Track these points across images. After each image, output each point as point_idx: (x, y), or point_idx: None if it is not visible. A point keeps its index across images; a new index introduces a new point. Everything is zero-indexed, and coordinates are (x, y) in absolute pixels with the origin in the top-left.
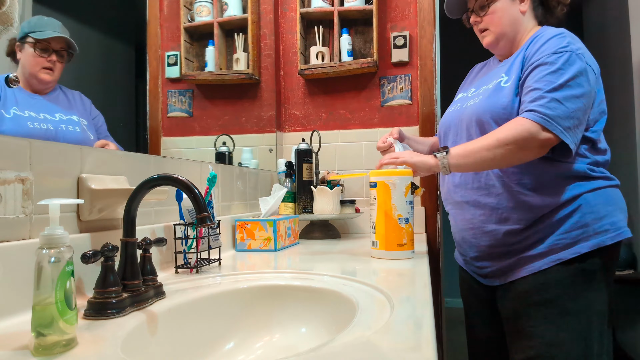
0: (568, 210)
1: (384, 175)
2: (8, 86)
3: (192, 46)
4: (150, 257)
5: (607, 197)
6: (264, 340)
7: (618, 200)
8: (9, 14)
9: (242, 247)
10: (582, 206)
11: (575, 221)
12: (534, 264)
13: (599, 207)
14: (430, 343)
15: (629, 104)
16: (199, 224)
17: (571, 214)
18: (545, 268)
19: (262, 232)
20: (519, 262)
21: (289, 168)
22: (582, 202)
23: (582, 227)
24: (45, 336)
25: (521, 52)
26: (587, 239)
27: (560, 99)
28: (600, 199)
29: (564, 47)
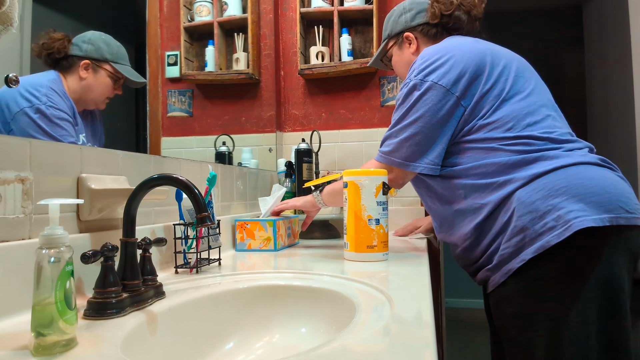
0: (504, 216)
1: (354, 175)
2: (8, 86)
3: (192, 46)
4: (150, 257)
5: (548, 188)
6: (264, 340)
7: (570, 185)
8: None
9: (242, 247)
10: (515, 208)
11: (513, 227)
12: (495, 277)
13: (537, 203)
14: (430, 343)
15: (629, 104)
16: (198, 224)
17: (509, 221)
18: (503, 281)
19: (262, 232)
20: (487, 274)
21: (289, 168)
22: (515, 204)
23: (521, 232)
24: (45, 336)
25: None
26: (530, 243)
27: (393, 134)
28: (538, 194)
29: (406, 82)
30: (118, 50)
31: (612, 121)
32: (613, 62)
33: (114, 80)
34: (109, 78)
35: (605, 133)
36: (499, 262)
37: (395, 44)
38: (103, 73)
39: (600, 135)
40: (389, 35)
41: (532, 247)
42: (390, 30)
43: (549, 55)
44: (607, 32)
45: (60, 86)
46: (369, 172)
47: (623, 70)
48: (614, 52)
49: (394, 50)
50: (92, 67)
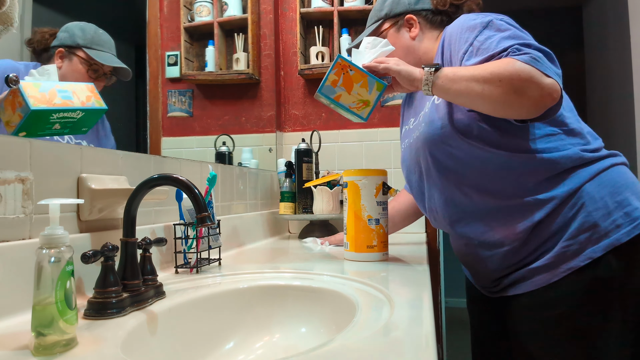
0: (569, 211)
1: (354, 175)
2: (8, 86)
3: (192, 46)
4: (150, 257)
5: (613, 183)
6: (264, 340)
7: (628, 182)
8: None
9: (328, 92)
10: (585, 203)
11: (581, 222)
12: (541, 276)
13: (606, 199)
14: (430, 343)
15: (629, 104)
16: (199, 224)
17: (575, 216)
18: (556, 280)
19: (363, 89)
20: (526, 275)
21: (288, 168)
22: (585, 198)
23: (590, 228)
24: (45, 336)
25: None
26: (598, 240)
27: (538, 46)
28: (605, 189)
29: (483, 19)
30: (93, 36)
31: (612, 121)
32: (613, 62)
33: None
34: (81, 65)
35: (606, 133)
36: (555, 260)
37: (392, 25)
38: (76, 60)
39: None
40: (387, 15)
41: (601, 245)
42: (389, 10)
43: None
44: (607, 32)
45: None
46: (368, 172)
47: (623, 70)
48: (614, 52)
49: (390, 32)
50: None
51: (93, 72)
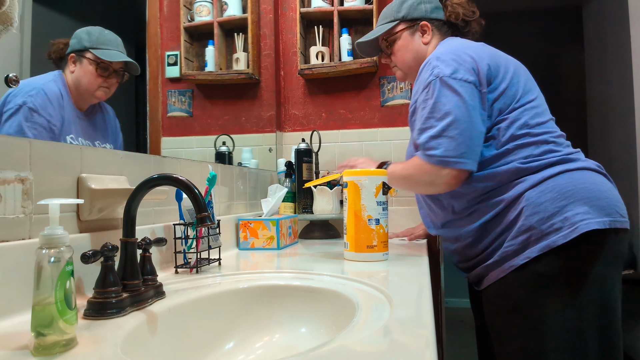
0: (512, 215)
1: (354, 175)
2: (8, 86)
3: (192, 46)
4: (150, 257)
5: (557, 190)
6: (264, 340)
7: (576, 189)
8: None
9: (245, 245)
10: (524, 208)
11: (519, 225)
12: (494, 272)
13: (545, 204)
14: (430, 343)
15: (629, 104)
16: (198, 224)
17: (516, 219)
18: (503, 275)
19: (265, 231)
20: (485, 270)
21: (288, 168)
22: (525, 204)
23: (527, 231)
24: (45, 336)
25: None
26: (535, 242)
27: (439, 133)
28: (547, 195)
29: (427, 78)
30: (98, 37)
31: (612, 121)
32: (613, 62)
33: (96, 67)
34: (91, 66)
35: (605, 133)
36: (501, 259)
37: (407, 28)
38: (85, 62)
39: (600, 135)
40: (404, 17)
41: (538, 246)
42: (407, 13)
43: (548, 55)
44: (607, 32)
45: (58, 86)
46: (368, 172)
47: (623, 70)
48: (613, 52)
49: (405, 34)
50: (76, 58)
51: (102, 70)
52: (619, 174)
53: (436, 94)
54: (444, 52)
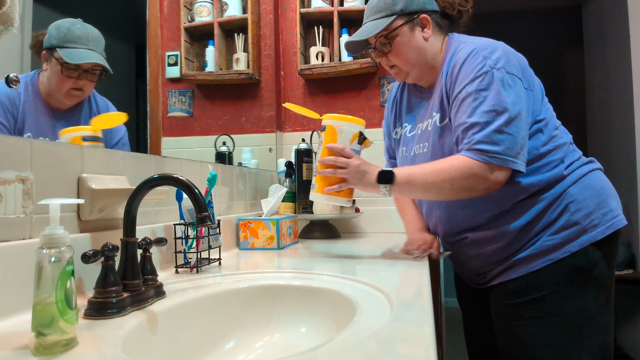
0: (555, 212)
1: (334, 120)
2: (8, 86)
3: (192, 46)
4: (151, 256)
5: (593, 187)
6: (264, 340)
7: (605, 186)
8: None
9: (245, 245)
10: (569, 205)
11: (565, 221)
12: (525, 266)
13: (587, 201)
14: (430, 343)
15: (629, 104)
16: (199, 224)
17: (559, 216)
18: (537, 269)
19: (265, 230)
20: (511, 265)
21: (289, 168)
22: (570, 200)
23: (571, 226)
24: (46, 336)
25: (440, 82)
26: (577, 236)
27: (500, 128)
28: (587, 192)
29: (481, 68)
30: (66, 33)
31: (612, 121)
32: (613, 61)
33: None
34: (58, 66)
35: (605, 133)
36: (537, 253)
37: (406, 23)
38: (54, 61)
39: (600, 136)
40: (402, 10)
41: (579, 240)
42: (405, 6)
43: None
44: (606, 32)
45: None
46: (348, 119)
47: (623, 70)
48: (613, 52)
49: (404, 29)
50: (47, 56)
51: (70, 71)
52: (619, 174)
53: (495, 86)
54: (485, 44)
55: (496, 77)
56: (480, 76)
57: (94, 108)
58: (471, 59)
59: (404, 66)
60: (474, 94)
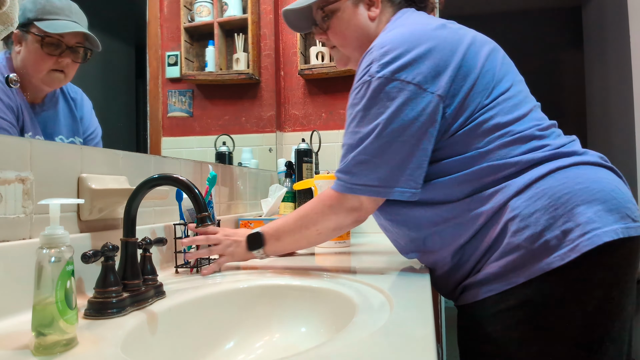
0: (494, 232)
1: (317, 179)
2: (8, 86)
3: (192, 46)
4: (151, 256)
5: (549, 196)
6: (264, 340)
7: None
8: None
9: None
10: (509, 223)
11: (505, 244)
12: (470, 293)
13: (537, 215)
14: (430, 343)
15: (629, 105)
16: (198, 224)
17: (499, 237)
18: (479, 299)
19: None
20: (464, 288)
21: (289, 168)
22: (509, 216)
23: (514, 251)
24: (46, 336)
25: None
26: (523, 264)
27: (362, 153)
28: (537, 203)
29: (362, 77)
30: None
31: (612, 121)
32: (612, 62)
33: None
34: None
35: (605, 133)
36: (479, 281)
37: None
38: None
39: (600, 136)
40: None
41: (528, 271)
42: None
43: (548, 55)
44: (606, 33)
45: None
46: (327, 177)
47: (622, 71)
48: (613, 53)
49: (346, 4)
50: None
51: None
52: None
53: (368, 99)
54: (394, 38)
55: (372, 88)
56: (358, 87)
57: (70, 102)
58: (363, 61)
59: (343, 48)
60: (349, 109)
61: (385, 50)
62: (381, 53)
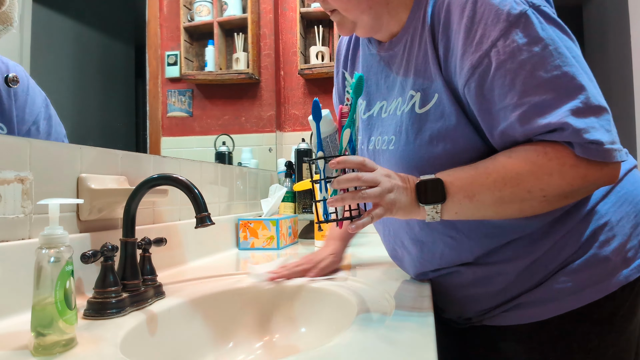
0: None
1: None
2: (8, 86)
3: (192, 46)
4: (150, 257)
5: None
6: (264, 340)
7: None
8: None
9: (245, 245)
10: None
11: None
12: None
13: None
14: (430, 343)
15: (629, 104)
16: (198, 224)
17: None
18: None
19: (265, 231)
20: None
21: (288, 168)
22: (597, 224)
23: (599, 264)
24: (45, 336)
25: (416, 33)
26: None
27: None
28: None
29: (508, 9)
30: None
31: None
32: (613, 62)
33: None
34: None
35: None
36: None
37: None
38: None
39: None
40: None
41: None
42: None
43: None
44: (607, 32)
45: None
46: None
47: (623, 71)
48: (613, 52)
49: None
50: None
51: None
52: None
53: (549, 35)
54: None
55: (543, 14)
56: (517, 21)
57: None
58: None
59: (347, 11)
60: (515, 56)
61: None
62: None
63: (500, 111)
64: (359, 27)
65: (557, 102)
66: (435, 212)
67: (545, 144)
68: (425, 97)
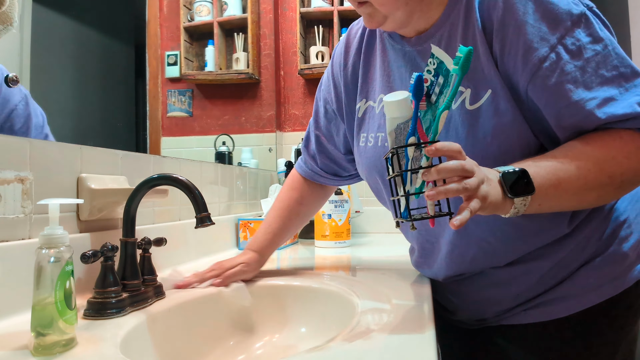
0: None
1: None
2: (8, 86)
3: (192, 46)
4: (150, 257)
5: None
6: (264, 340)
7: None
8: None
9: (245, 245)
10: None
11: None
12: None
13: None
14: (430, 343)
15: None
16: (198, 224)
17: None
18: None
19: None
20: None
21: (288, 168)
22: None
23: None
24: (45, 336)
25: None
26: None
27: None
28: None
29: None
30: None
31: None
32: None
33: None
34: None
35: None
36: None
37: None
38: None
39: None
40: None
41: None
42: None
43: None
44: None
45: None
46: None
47: None
48: None
49: None
50: None
51: None
52: None
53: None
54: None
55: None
56: (579, 20)
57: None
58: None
59: (382, 5)
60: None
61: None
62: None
63: (571, 105)
64: (389, 22)
65: (625, 94)
66: (523, 205)
67: (617, 129)
68: (477, 94)
